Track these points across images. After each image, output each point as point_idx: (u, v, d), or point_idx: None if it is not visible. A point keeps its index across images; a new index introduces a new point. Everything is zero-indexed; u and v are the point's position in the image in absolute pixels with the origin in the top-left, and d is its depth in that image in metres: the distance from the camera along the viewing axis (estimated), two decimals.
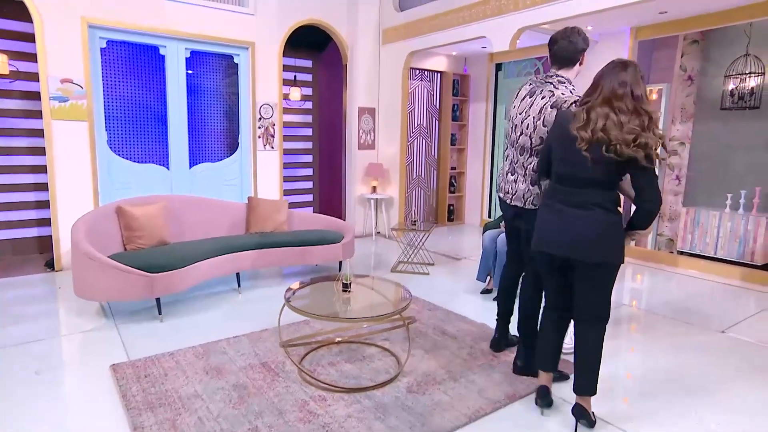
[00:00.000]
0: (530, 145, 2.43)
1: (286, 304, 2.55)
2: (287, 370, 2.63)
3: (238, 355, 2.80)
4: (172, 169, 5.13)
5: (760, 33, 4.87)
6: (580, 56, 2.41)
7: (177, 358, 2.74)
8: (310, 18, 5.78)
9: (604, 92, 1.96)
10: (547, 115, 2.33)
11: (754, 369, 2.75)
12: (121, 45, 4.75)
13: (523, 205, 2.50)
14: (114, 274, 3.11)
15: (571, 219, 2.04)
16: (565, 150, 2.05)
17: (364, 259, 5.29)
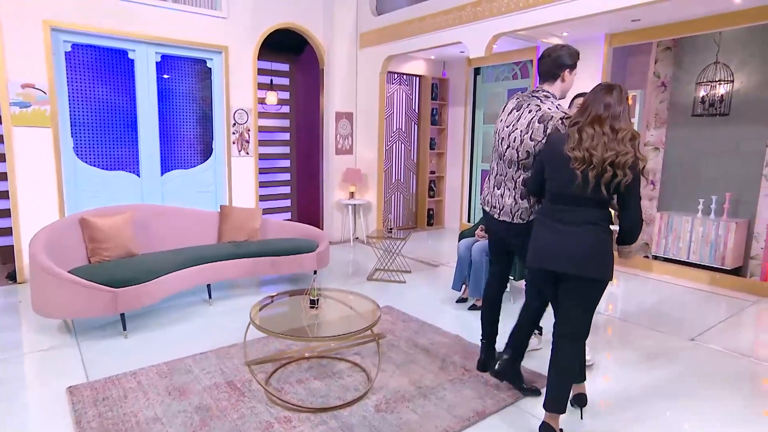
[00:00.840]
0: (517, 159, 2.40)
1: (252, 323, 2.47)
2: (253, 389, 2.56)
3: (204, 374, 2.72)
4: (143, 176, 4.99)
5: (729, 42, 4.95)
6: (560, 71, 2.41)
7: (139, 377, 2.65)
8: (285, 22, 5.69)
9: (592, 114, 2.07)
10: (535, 129, 2.33)
11: (721, 378, 2.77)
12: (87, 49, 4.60)
13: (512, 220, 2.46)
14: (74, 289, 2.99)
15: (565, 236, 2.11)
16: (559, 170, 2.11)
17: (342, 266, 5.23)
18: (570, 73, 2.42)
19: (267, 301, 2.82)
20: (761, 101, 4.80)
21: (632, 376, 2.79)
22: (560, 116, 2.28)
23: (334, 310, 2.83)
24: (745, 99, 4.89)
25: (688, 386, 2.68)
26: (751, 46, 4.84)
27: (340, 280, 4.64)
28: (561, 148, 2.09)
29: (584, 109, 2.11)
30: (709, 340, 3.30)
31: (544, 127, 2.30)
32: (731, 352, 3.12)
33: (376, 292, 4.28)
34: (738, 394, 2.60)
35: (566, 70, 2.41)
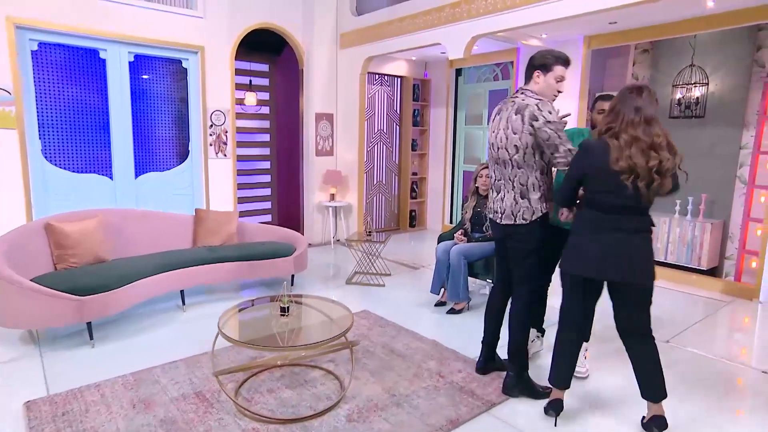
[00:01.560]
0: (509, 156, 2.40)
1: (220, 333, 2.40)
2: (222, 400, 2.48)
3: (172, 384, 2.63)
4: (116, 179, 4.86)
5: (703, 45, 5.00)
6: (531, 72, 2.42)
7: (103, 390, 2.55)
8: (263, 22, 5.60)
9: (625, 119, 2.02)
10: (513, 121, 2.35)
11: (694, 380, 2.77)
12: (56, 48, 4.45)
13: (514, 222, 2.44)
14: (36, 298, 2.88)
15: (624, 245, 2.09)
16: (607, 182, 2.06)
17: (321, 269, 5.16)
18: (542, 75, 2.38)
19: (238, 309, 2.75)
20: (734, 104, 4.86)
21: (608, 380, 2.77)
22: (536, 102, 2.30)
23: (306, 317, 2.77)
24: (720, 102, 4.94)
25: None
26: (724, 50, 4.90)
27: (319, 284, 4.58)
28: (605, 160, 2.03)
29: (615, 113, 2.05)
30: (684, 342, 3.31)
31: (522, 117, 2.31)
32: (705, 353, 3.13)
33: (355, 296, 4.23)
34: (710, 396, 2.60)
35: (536, 72, 2.39)
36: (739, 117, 4.83)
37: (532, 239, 2.43)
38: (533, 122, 2.29)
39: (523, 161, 2.37)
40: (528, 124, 2.30)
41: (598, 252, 2.12)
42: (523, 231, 2.42)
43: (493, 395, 2.55)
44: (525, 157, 2.36)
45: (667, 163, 1.99)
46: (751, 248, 4.66)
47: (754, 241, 4.59)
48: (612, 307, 2.27)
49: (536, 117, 2.28)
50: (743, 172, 4.83)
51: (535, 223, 2.40)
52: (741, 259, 4.82)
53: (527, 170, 2.38)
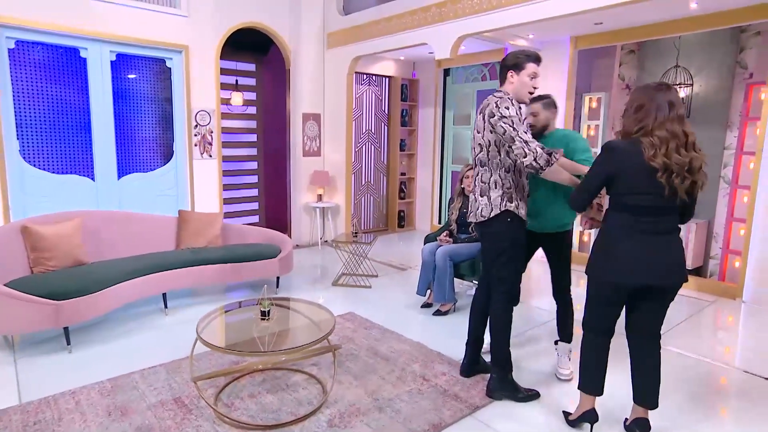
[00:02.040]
0: (475, 156, 2.47)
1: (198, 338, 2.35)
2: (201, 406, 2.43)
3: (150, 390, 2.58)
4: (98, 180, 4.77)
5: (688, 46, 5.02)
6: (504, 72, 2.43)
7: (78, 397, 2.49)
8: (248, 21, 5.54)
9: (659, 116, 1.95)
10: (477, 121, 2.42)
11: (677, 380, 2.77)
12: (34, 46, 4.36)
13: (476, 220, 2.49)
14: (10, 303, 2.80)
15: (663, 247, 2.02)
16: (642, 182, 1.98)
17: (308, 271, 5.11)
18: (515, 74, 2.37)
19: (218, 312, 2.70)
20: (718, 105, 4.89)
21: None
22: (496, 99, 2.33)
23: (288, 321, 2.72)
24: (704, 102, 4.97)
25: None
26: (708, 51, 4.93)
27: (305, 286, 4.53)
28: (639, 159, 1.95)
29: (645, 111, 1.97)
30: (667, 342, 3.30)
31: (483, 115, 2.36)
32: (688, 353, 3.14)
33: (341, 298, 4.19)
34: (692, 396, 2.60)
35: (509, 72, 2.38)
36: (723, 118, 4.87)
37: (500, 239, 2.42)
38: (490, 119, 2.32)
39: (486, 159, 2.42)
40: (487, 121, 2.34)
41: (635, 257, 2.02)
42: (488, 230, 2.43)
43: (477, 398, 2.53)
44: (489, 155, 2.40)
45: (699, 161, 1.96)
46: (735, 248, 4.69)
47: (737, 241, 4.62)
48: (630, 309, 2.21)
49: (493, 113, 2.31)
50: (727, 172, 4.86)
51: (495, 221, 2.38)
52: (725, 258, 4.85)
53: (490, 168, 2.41)
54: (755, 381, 2.81)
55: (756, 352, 3.29)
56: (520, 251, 2.49)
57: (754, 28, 4.60)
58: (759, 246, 4.05)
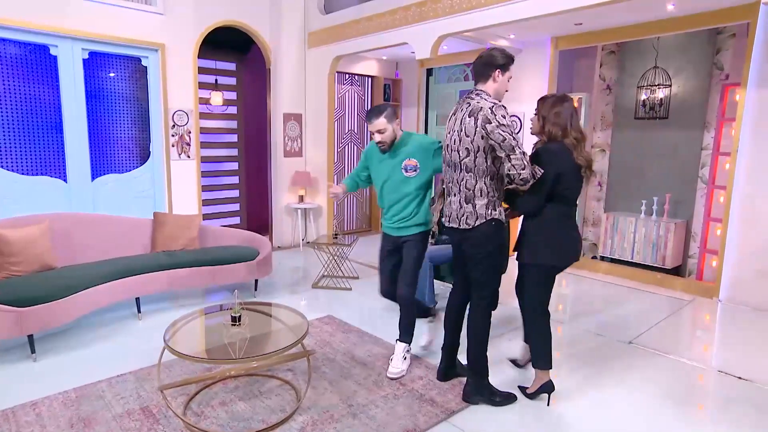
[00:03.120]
0: (459, 159, 2.36)
1: (165, 346, 2.27)
2: (170, 415, 2.36)
3: (117, 400, 2.49)
4: (71, 181, 4.64)
5: (666, 48, 5.06)
6: (491, 71, 2.36)
7: (40, 408, 2.40)
8: (227, 19, 5.44)
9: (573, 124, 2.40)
10: (467, 124, 2.30)
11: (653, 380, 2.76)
12: (1, 43, 4.21)
13: (458, 225, 2.41)
14: None
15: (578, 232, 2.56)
16: (576, 178, 2.41)
17: (288, 273, 5.04)
18: (502, 73, 2.37)
19: (187, 319, 2.62)
20: (696, 106, 4.93)
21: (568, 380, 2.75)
22: (491, 105, 2.26)
23: (260, 326, 2.65)
24: (682, 103, 5.01)
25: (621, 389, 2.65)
26: (687, 53, 4.97)
27: (284, 289, 4.46)
28: (570, 158, 2.37)
29: (561, 118, 2.38)
30: (645, 342, 3.32)
31: (475, 119, 2.27)
32: (664, 353, 3.14)
33: (320, 301, 4.14)
34: (665, 395, 2.59)
35: (497, 71, 2.35)
36: (701, 119, 4.91)
37: (484, 244, 2.38)
38: (486, 125, 2.24)
39: (473, 165, 2.32)
40: (481, 127, 2.25)
41: (573, 242, 2.48)
42: (473, 236, 2.38)
43: (452, 403, 2.49)
44: (476, 161, 2.31)
45: (590, 159, 2.43)
46: (712, 247, 4.73)
47: (714, 241, 4.67)
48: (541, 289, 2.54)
49: (489, 120, 2.23)
50: (704, 172, 4.90)
51: (481, 228, 2.35)
52: (702, 258, 4.90)
53: (476, 175, 2.33)
54: (730, 380, 2.82)
55: (731, 351, 3.31)
56: (504, 257, 2.53)
57: (730, 30, 4.65)
58: (735, 246, 4.09)
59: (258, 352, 2.35)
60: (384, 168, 2.83)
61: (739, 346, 3.36)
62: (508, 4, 4.06)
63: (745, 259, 4.04)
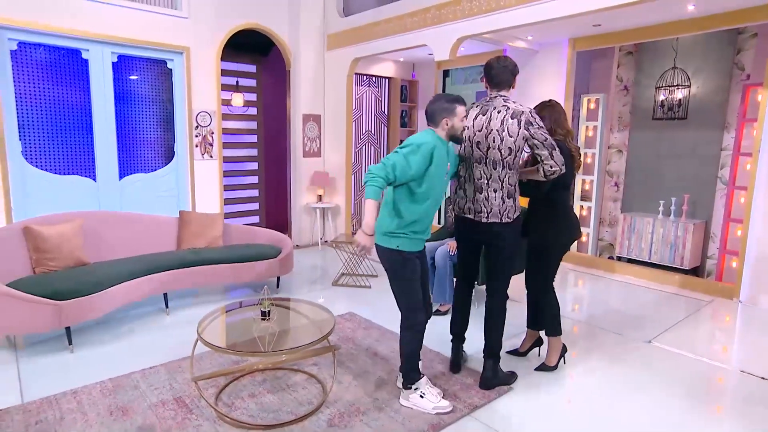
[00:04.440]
0: (501, 157, 2.46)
1: (198, 337, 2.35)
2: (202, 406, 2.43)
3: (151, 390, 2.58)
4: (100, 180, 4.77)
5: (685, 48, 5.03)
6: (513, 79, 2.55)
7: (80, 397, 2.49)
8: (249, 22, 5.54)
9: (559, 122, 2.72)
10: (509, 125, 2.43)
11: (671, 379, 2.77)
12: (36, 47, 4.36)
13: (500, 220, 2.50)
14: (12, 303, 2.80)
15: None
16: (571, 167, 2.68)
17: (308, 271, 5.11)
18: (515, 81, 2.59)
19: (220, 312, 2.70)
20: (716, 106, 4.89)
21: (588, 377, 2.77)
22: (529, 110, 2.45)
23: (288, 321, 2.72)
24: (701, 104, 4.98)
25: (640, 387, 2.67)
26: (706, 53, 4.93)
27: (305, 286, 4.53)
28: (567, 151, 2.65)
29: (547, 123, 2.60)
30: (664, 342, 3.32)
31: (518, 122, 2.42)
32: (684, 353, 3.14)
33: (341, 298, 4.20)
34: (689, 395, 2.60)
35: (515, 78, 2.58)
36: (720, 119, 4.87)
37: (517, 237, 2.59)
38: (529, 127, 2.42)
39: (512, 163, 2.48)
40: (524, 128, 2.42)
41: (574, 222, 2.80)
42: (509, 230, 2.52)
43: (475, 398, 2.53)
44: (515, 159, 2.48)
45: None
46: (732, 248, 4.69)
47: (734, 242, 4.63)
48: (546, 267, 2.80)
49: (531, 122, 2.42)
50: (724, 173, 4.86)
51: (517, 221, 2.55)
52: (722, 259, 4.86)
53: (515, 172, 2.51)
54: (752, 380, 2.81)
55: (753, 352, 3.29)
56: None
57: (751, 30, 4.60)
58: (756, 246, 4.05)
59: (286, 346, 2.42)
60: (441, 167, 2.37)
61: (760, 347, 3.34)
62: (527, 6, 4.08)
63: (767, 260, 4.00)
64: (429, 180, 2.29)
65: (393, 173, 2.20)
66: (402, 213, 2.33)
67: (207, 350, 2.85)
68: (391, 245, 2.37)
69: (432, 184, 2.32)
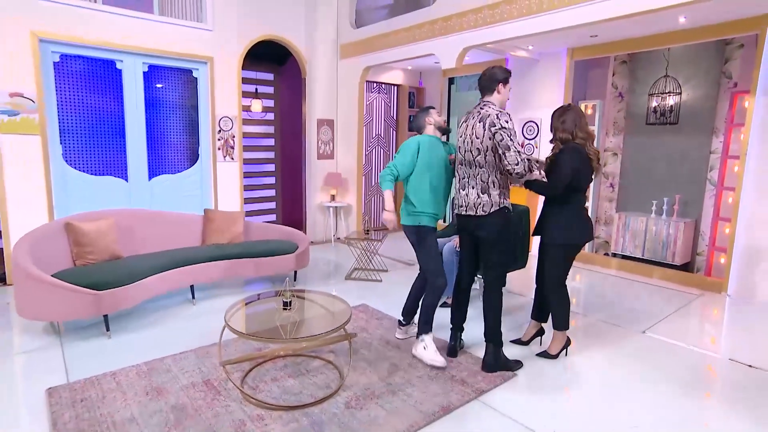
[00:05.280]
0: (473, 158, 2.61)
1: (226, 325, 2.40)
2: (229, 388, 2.49)
3: (182, 373, 2.64)
4: (131, 181, 4.85)
5: (677, 57, 5.01)
6: (495, 85, 2.62)
7: (119, 378, 2.55)
8: (268, 34, 5.59)
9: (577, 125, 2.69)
10: (477, 129, 2.56)
11: (665, 366, 2.79)
12: (76, 59, 4.44)
13: (475, 213, 2.63)
14: (56, 292, 2.87)
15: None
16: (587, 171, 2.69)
17: (322, 266, 5.16)
18: (503, 86, 2.63)
19: (244, 303, 2.75)
20: (705, 112, 4.88)
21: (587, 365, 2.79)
22: (496, 112, 2.52)
23: (307, 311, 2.77)
24: (692, 110, 4.96)
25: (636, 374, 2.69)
26: (696, 62, 4.91)
27: (320, 280, 4.58)
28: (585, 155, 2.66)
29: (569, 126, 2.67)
30: (658, 332, 3.33)
31: (484, 124, 2.53)
32: (677, 342, 3.16)
33: (354, 291, 4.24)
34: (679, 380, 2.62)
35: (500, 84, 2.62)
36: (709, 124, 4.85)
37: (501, 229, 2.63)
38: (492, 128, 2.50)
39: (484, 161, 2.58)
40: (488, 129, 2.51)
41: (587, 224, 2.77)
42: (488, 221, 2.61)
43: (482, 383, 2.56)
44: (486, 158, 2.56)
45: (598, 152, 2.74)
46: (720, 245, 4.68)
47: (722, 239, 4.62)
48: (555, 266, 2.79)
49: (494, 123, 2.50)
50: (713, 174, 4.85)
51: (495, 215, 2.60)
52: (711, 255, 4.85)
53: (488, 170, 2.58)
54: (740, 368, 2.82)
55: (741, 342, 3.29)
56: (515, 239, 2.78)
57: (738, 41, 4.58)
58: (743, 243, 4.05)
59: (306, 334, 2.47)
60: (435, 157, 2.81)
61: (748, 337, 3.35)
62: (528, 18, 4.10)
63: (753, 256, 4.00)
64: (421, 168, 2.79)
65: (396, 170, 2.79)
66: (412, 199, 2.83)
67: (231, 338, 2.90)
68: (415, 222, 2.84)
69: (423, 171, 2.78)
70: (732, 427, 2.23)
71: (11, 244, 4.12)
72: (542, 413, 2.32)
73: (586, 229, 2.76)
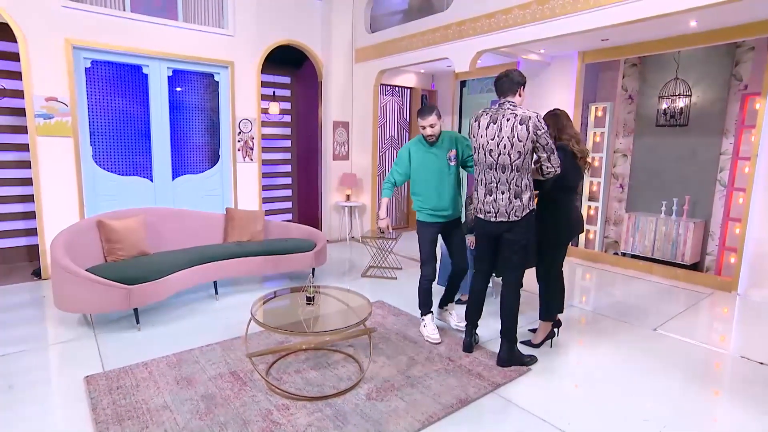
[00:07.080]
0: (510, 162, 2.53)
1: (252, 318, 2.46)
2: (255, 379, 2.55)
3: (209, 365, 2.70)
4: (156, 181, 4.95)
5: (686, 60, 4.97)
6: (518, 87, 2.60)
7: (150, 368, 2.63)
8: (286, 39, 5.66)
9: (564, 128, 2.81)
10: (519, 131, 2.49)
11: (677, 362, 2.79)
12: (105, 65, 4.55)
13: (508, 219, 2.59)
14: (91, 286, 2.96)
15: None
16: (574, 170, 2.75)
17: (338, 264, 5.21)
18: (523, 90, 2.63)
19: (268, 297, 2.81)
20: (715, 114, 4.83)
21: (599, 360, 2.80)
22: (536, 115, 2.50)
23: (329, 306, 2.82)
24: (701, 112, 4.92)
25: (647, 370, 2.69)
26: (706, 65, 4.87)
27: (336, 277, 4.63)
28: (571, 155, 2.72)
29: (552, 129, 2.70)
30: (668, 330, 3.32)
31: (527, 127, 2.47)
32: (687, 339, 3.15)
33: (370, 288, 4.28)
34: (690, 376, 2.62)
35: (522, 87, 2.62)
36: (719, 126, 4.81)
37: (530, 233, 2.62)
38: (537, 131, 2.46)
39: (521, 165, 2.52)
40: (533, 132, 2.46)
41: (577, 218, 2.88)
42: (517, 227, 2.58)
43: (498, 377, 2.59)
44: (523, 162, 2.51)
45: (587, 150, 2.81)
46: (731, 245, 4.64)
47: (732, 239, 4.58)
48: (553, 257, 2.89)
49: (539, 127, 2.47)
50: (723, 176, 4.80)
51: (526, 218, 2.58)
52: (721, 255, 4.80)
53: (522, 174, 2.54)
54: (751, 365, 2.81)
55: (751, 339, 3.28)
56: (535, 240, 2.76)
57: (748, 44, 4.54)
58: (753, 243, 4.01)
59: (329, 328, 2.52)
60: (429, 159, 3.03)
61: (758, 335, 3.32)
62: (540, 23, 4.10)
63: (763, 256, 3.96)
64: (416, 172, 3.06)
65: (393, 177, 3.15)
66: (412, 197, 3.14)
67: (255, 332, 2.97)
68: (418, 218, 3.12)
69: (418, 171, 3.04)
70: (741, 421, 2.24)
71: (46, 240, 4.24)
72: (556, 405, 2.34)
73: (573, 227, 2.85)
